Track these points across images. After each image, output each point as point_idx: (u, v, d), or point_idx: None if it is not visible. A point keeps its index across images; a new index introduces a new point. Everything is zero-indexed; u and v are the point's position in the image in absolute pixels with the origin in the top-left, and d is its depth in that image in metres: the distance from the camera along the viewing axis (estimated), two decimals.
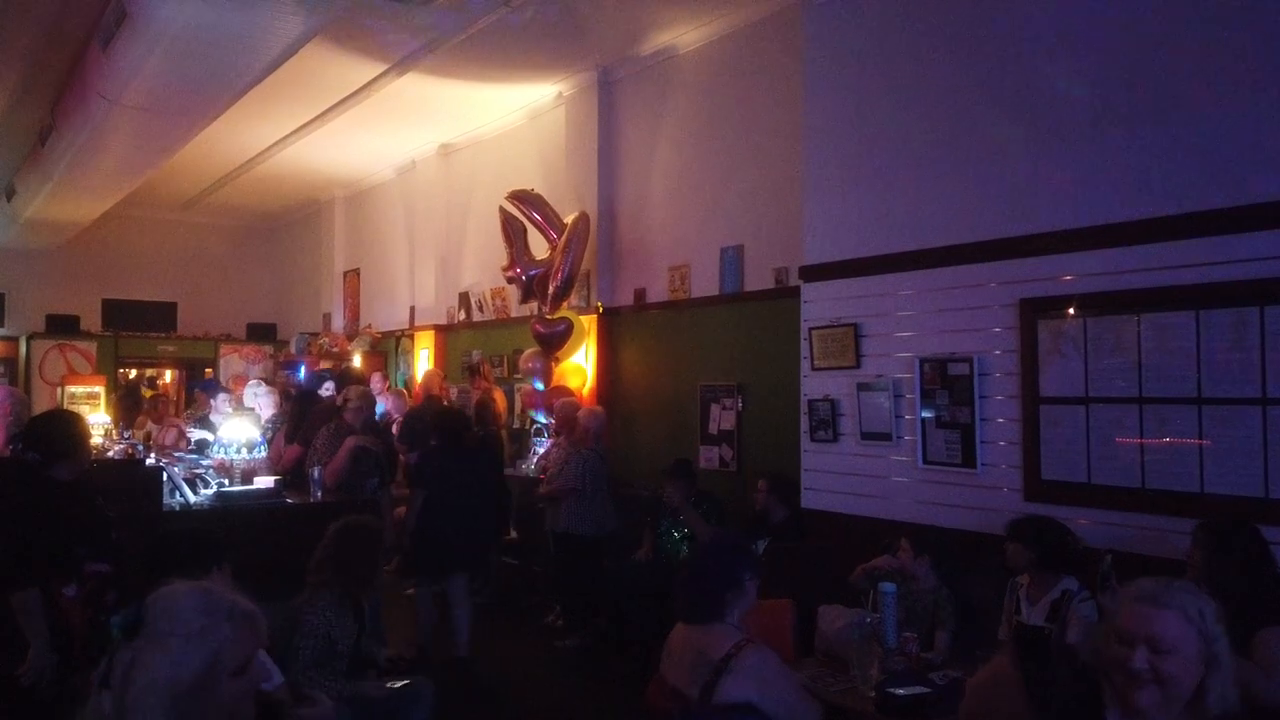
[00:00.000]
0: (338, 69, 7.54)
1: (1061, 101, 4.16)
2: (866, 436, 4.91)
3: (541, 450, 7.48)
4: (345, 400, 6.09)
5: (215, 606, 1.61)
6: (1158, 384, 3.78)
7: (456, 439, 5.70)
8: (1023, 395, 4.22)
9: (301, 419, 7.27)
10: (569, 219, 7.40)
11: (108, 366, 12.55)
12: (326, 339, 11.37)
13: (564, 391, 7.24)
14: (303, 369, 11.01)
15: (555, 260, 7.30)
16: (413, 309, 10.55)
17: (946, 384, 4.53)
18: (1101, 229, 3.97)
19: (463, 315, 9.67)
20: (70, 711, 1.60)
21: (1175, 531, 3.63)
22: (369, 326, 11.48)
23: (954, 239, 4.52)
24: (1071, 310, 4.06)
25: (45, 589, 3.25)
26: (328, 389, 7.78)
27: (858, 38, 5.09)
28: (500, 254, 7.97)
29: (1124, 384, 3.89)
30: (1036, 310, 4.17)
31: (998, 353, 4.33)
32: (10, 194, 10.74)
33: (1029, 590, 3.58)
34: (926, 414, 4.62)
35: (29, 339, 12.51)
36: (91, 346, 12.70)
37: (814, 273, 5.25)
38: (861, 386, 4.92)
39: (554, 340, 7.44)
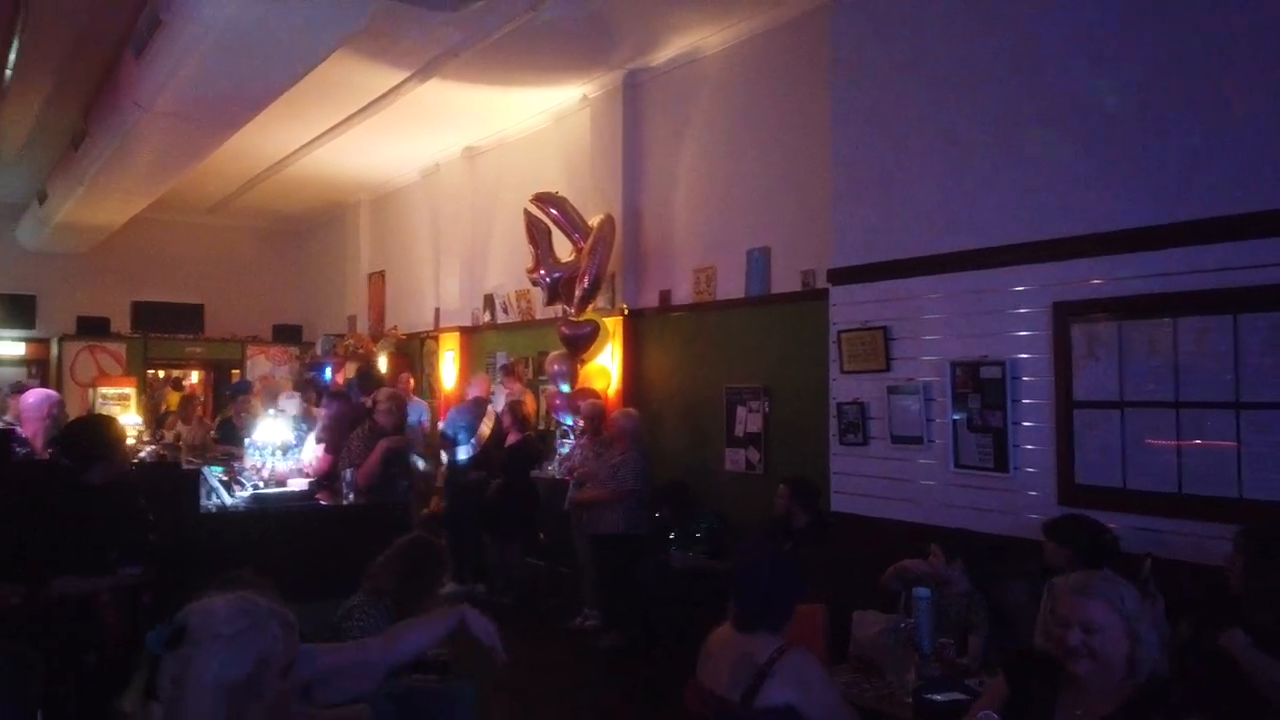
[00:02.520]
0: (364, 75, 7.60)
1: (1097, 102, 4.12)
2: (897, 440, 4.89)
3: (565, 452, 7.51)
4: (375, 402, 6.15)
5: (255, 609, 1.64)
6: (1194, 388, 3.75)
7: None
8: (1056, 399, 4.19)
9: (332, 424, 7.35)
10: (594, 221, 7.42)
11: (137, 368, 12.71)
12: (352, 340, 11.46)
13: (590, 393, 7.27)
14: (328, 370, 11.13)
15: (582, 263, 7.32)
16: (438, 311, 10.62)
17: (978, 387, 4.51)
18: (1136, 231, 3.94)
19: (487, 317, 9.72)
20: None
21: (1213, 537, 3.60)
22: (394, 328, 11.56)
23: (986, 242, 4.50)
24: (1105, 314, 4.03)
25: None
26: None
27: (886, 38, 5.08)
28: (525, 256, 8.00)
29: (1159, 388, 3.86)
30: (1070, 314, 4.14)
31: (1030, 356, 4.31)
32: (43, 198, 10.90)
33: None
34: (958, 417, 4.60)
35: (60, 341, 12.69)
36: (121, 348, 12.86)
37: (842, 275, 5.23)
38: (892, 390, 4.91)
39: (580, 342, 7.47)
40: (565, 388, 7.51)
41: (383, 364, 10.53)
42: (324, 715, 2.67)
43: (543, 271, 7.66)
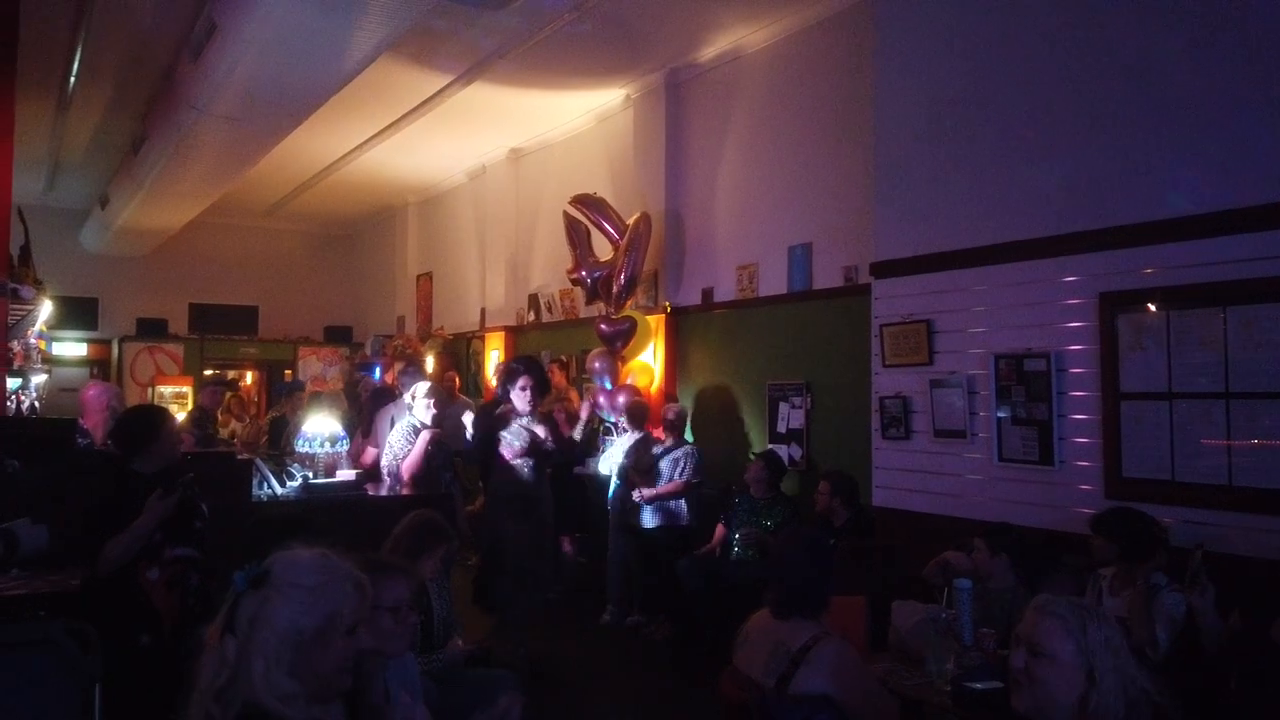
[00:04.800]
0: (411, 77, 7.74)
1: (1142, 90, 4.06)
2: (940, 434, 4.85)
3: (608, 449, 7.54)
4: (414, 396, 6.23)
5: (334, 567, 1.70)
6: (1246, 379, 3.67)
7: None
8: (1103, 391, 4.13)
9: (377, 419, 7.48)
10: (631, 220, 7.48)
11: (194, 368, 13.04)
12: (400, 341, 11.64)
13: (632, 391, 7.31)
14: (377, 370, 11.32)
15: (618, 260, 7.39)
16: (483, 311, 10.75)
17: (1023, 380, 4.45)
18: (1184, 220, 3.87)
19: (532, 316, 9.82)
20: (190, 662, 1.70)
21: (1267, 530, 3.53)
22: (441, 328, 11.73)
23: (1030, 233, 4.45)
24: (1153, 304, 3.96)
25: (129, 571, 3.43)
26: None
27: (931, 26, 5.05)
28: (568, 255, 8.08)
29: (1209, 379, 3.78)
30: (1117, 304, 4.08)
31: (1076, 348, 4.25)
32: (104, 203, 11.25)
33: (1112, 583, 3.51)
34: (1002, 411, 4.55)
35: (121, 342, 13.09)
36: (179, 349, 13.21)
37: (885, 269, 5.21)
38: (935, 383, 4.87)
39: (619, 339, 7.51)
40: (607, 384, 7.56)
41: (430, 364, 10.68)
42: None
43: (582, 271, 7.74)
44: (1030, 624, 2.01)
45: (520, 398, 5.41)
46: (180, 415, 9.05)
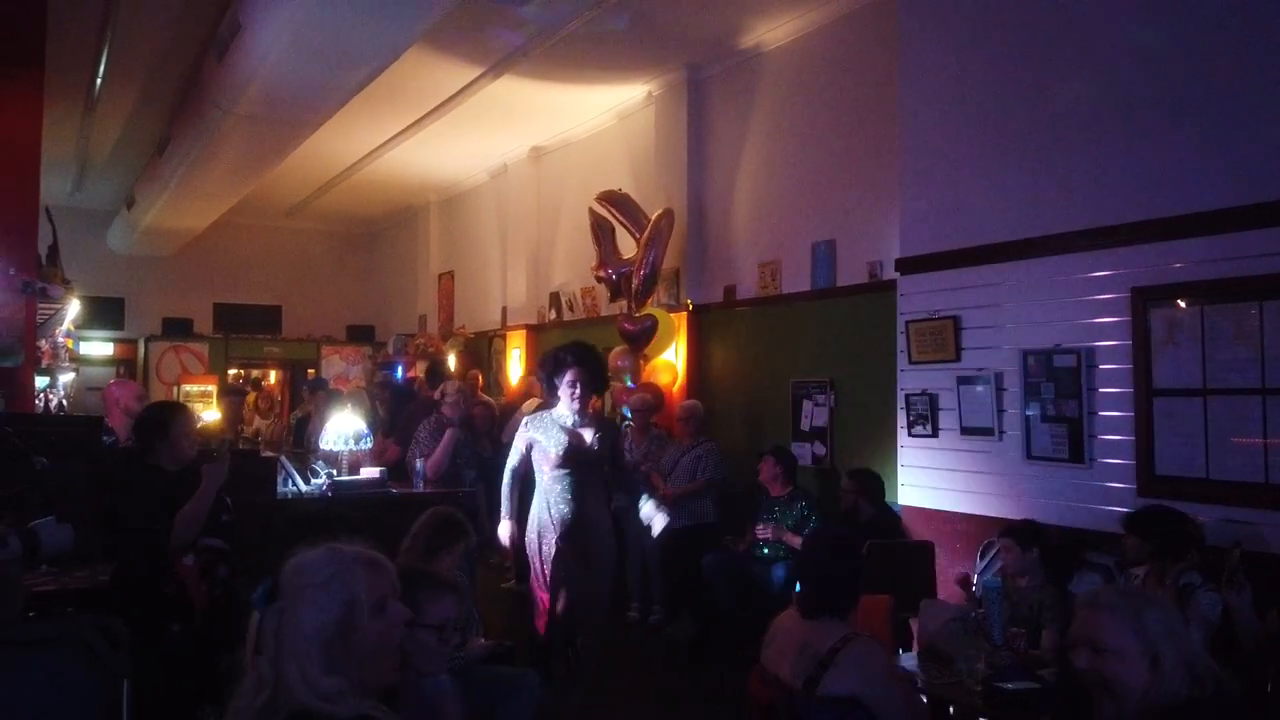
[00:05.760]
0: (433, 75, 7.75)
1: (1175, 80, 3.99)
2: (967, 431, 4.80)
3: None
4: (443, 394, 6.26)
5: (341, 556, 1.70)
6: None
7: None
8: (1135, 387, 4.06)
9: (399, 417, 7.51)
10: (653, 216, 7.46)
11: (219, 367, 13.15)
12: (422, 340, 11.68)
13: (651, 388, 7.29)
14: (399, 369, 11.38)
15: (638, 256, 7.37)
16: (504, 309, 10.76)
17: (1052, 376, 4.39)
18: (1219, 213, 3.80)
19: (553, 315, 9.82)
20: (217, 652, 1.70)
21: None
22: (463, 327, 11.75)
23: (1060, 227, 4.38)
24: (1187, 298, 3.90)
25: (167, 557, 3.46)
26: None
27: (955, 19, 4.99)
28: (589, 253, 8.07)
29: (1244, 374, 3.71)
30: (1149, 299, 4.01)
31: (1108, 343, 4.18)
32: (131, 203, 11.37)
33: (1144, 582, 3.45)
34: (1031, 408, 4.49)
35: (147, 341, 13.22)
36: (204, 348, 13.33)
37: (911, 265, 5.15)
38: (962, 380, 4.82)
39: (640, 337, 7.49)
40: (629, 382, 7.55)
41: (451, 362, 10.70)
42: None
43: (608, 269, 7.73)
44: (1085, 622, 1.99)
45: (566, 396, 4.40)
46: (206, 414, 9.14)
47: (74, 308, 7.64)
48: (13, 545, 2.76)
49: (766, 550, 5.70)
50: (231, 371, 13.41)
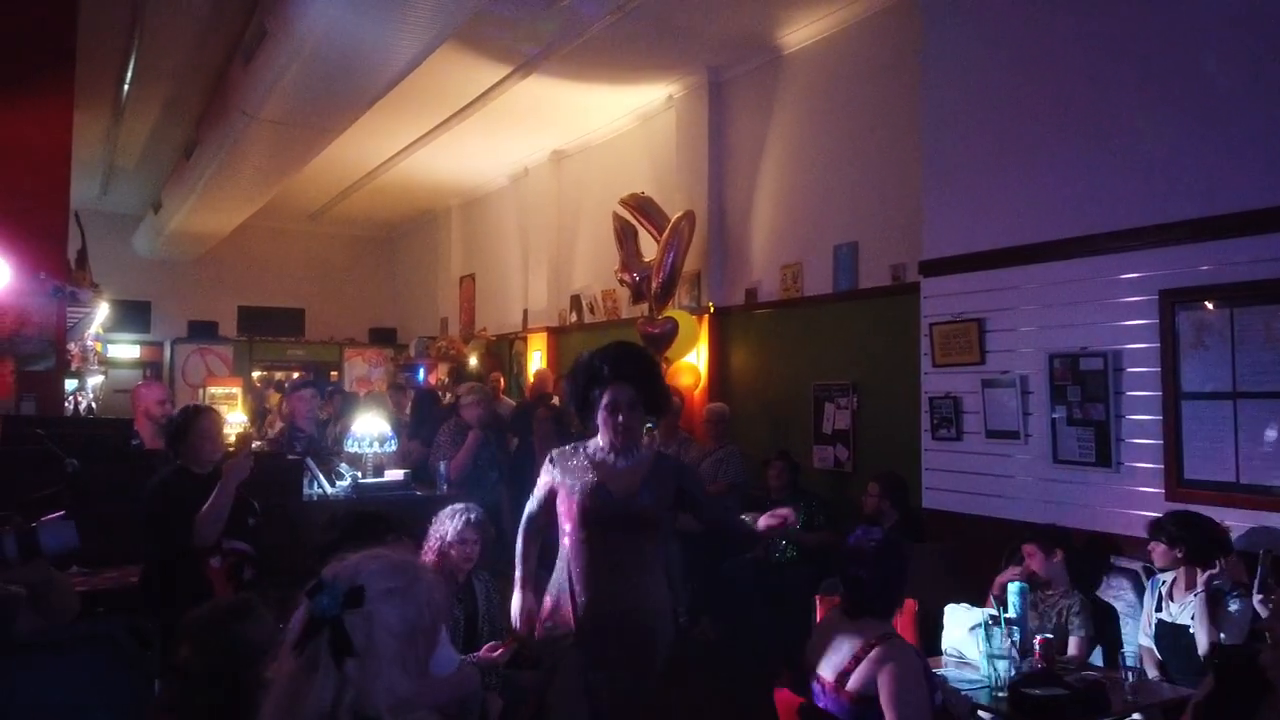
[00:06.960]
0: (455, 79, 7.79)
1: (1203, 81, 3.95)
2: (992, 435, 4.77)
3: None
4: (459, 398, 6.29)
5: (407, 565, 1.74)
6: None
7: None
8: (1163, 390, 4.02)
9: (422, 419, 7.56)
10: (673, 217, 7.46)
11: (244, 369, 13.29)
12: (444, 342, 11.74)
13: (677, 391, 7.29)
14: (421, 371, 11.44)
15: (658, 259, 7.38)
16: (525, 312, 10.79)
17: (1078, 380, 4.35)
18: (1247, 214, 3.75)
19: (574, 317, 9.83)
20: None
21: None
22: (484, 330, 11.80)
23: (1086, 229, 4.35)
24: (1216, 301, 3.85)
25: (196, 560, 3.50)
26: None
27: (979, 19, 4.96)
28: (610, 256, 8.08)
29: (1275, 378, 3.66)
30: (1177, 301, 3.97)
31: (1135, 346, 4.14)
32: (157, 207, 11.50)
33: (1173, 588, 3.41)
34: (1057, 411, 4.45)
35: (173, 344, 13.38)
36: (229, 350, 13.49)
37: (934, 267, 5.13)
38: (987, 383, 4.78)
39: (661, 340, 7.49)
40: None
41: (473, 364, 10.75)
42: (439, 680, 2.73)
43: (631, 272, 7.74)
44: None
45: (605, 425, 2.99)
46: (231, 415, 9.21)
47: (102, 311, 7.73)
48: (7, 547, 2.76)
49: (790, 554, 5.70)
50: (255, 374, 13.51)
